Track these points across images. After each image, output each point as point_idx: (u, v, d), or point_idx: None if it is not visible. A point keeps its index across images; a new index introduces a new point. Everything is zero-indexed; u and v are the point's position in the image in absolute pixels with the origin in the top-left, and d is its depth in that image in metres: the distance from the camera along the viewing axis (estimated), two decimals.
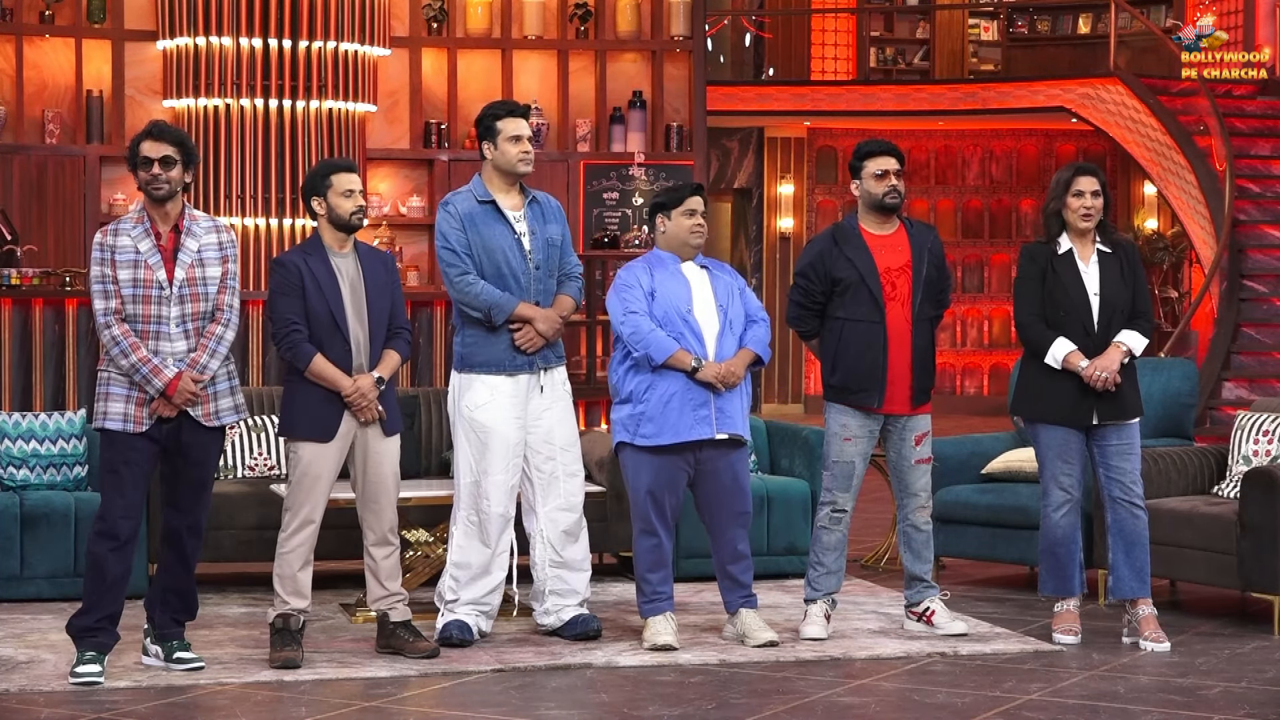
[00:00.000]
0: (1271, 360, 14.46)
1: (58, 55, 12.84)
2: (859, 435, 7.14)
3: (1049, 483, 7.07)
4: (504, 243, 6.95)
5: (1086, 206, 7.02)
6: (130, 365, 6.29)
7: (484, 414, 6.94)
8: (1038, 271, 7.06)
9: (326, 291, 6.71)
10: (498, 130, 6.98)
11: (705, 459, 6.95)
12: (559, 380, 7.07)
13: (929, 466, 7.24)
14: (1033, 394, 7.09)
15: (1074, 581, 7.13)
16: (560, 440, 7.03)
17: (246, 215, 12.08)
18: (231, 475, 8.41)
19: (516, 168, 6.98)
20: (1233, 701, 6.15)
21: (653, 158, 13.59)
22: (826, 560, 7.18)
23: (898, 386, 7.09)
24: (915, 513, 7.23)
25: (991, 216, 21.29)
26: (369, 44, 12.43)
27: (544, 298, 7.00)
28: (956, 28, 21.08)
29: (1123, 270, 7.08)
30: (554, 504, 7.04)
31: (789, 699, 6.13)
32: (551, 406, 7.02)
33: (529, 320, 6.92)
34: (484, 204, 6.99)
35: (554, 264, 7.06)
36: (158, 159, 6.36)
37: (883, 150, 7.18)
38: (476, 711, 5.98)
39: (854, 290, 7.06)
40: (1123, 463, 7.05)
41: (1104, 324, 7.00)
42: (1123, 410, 7.03)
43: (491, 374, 6.95)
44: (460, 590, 6.97)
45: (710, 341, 6.95)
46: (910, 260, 7.12)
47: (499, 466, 6.93)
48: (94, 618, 6.34)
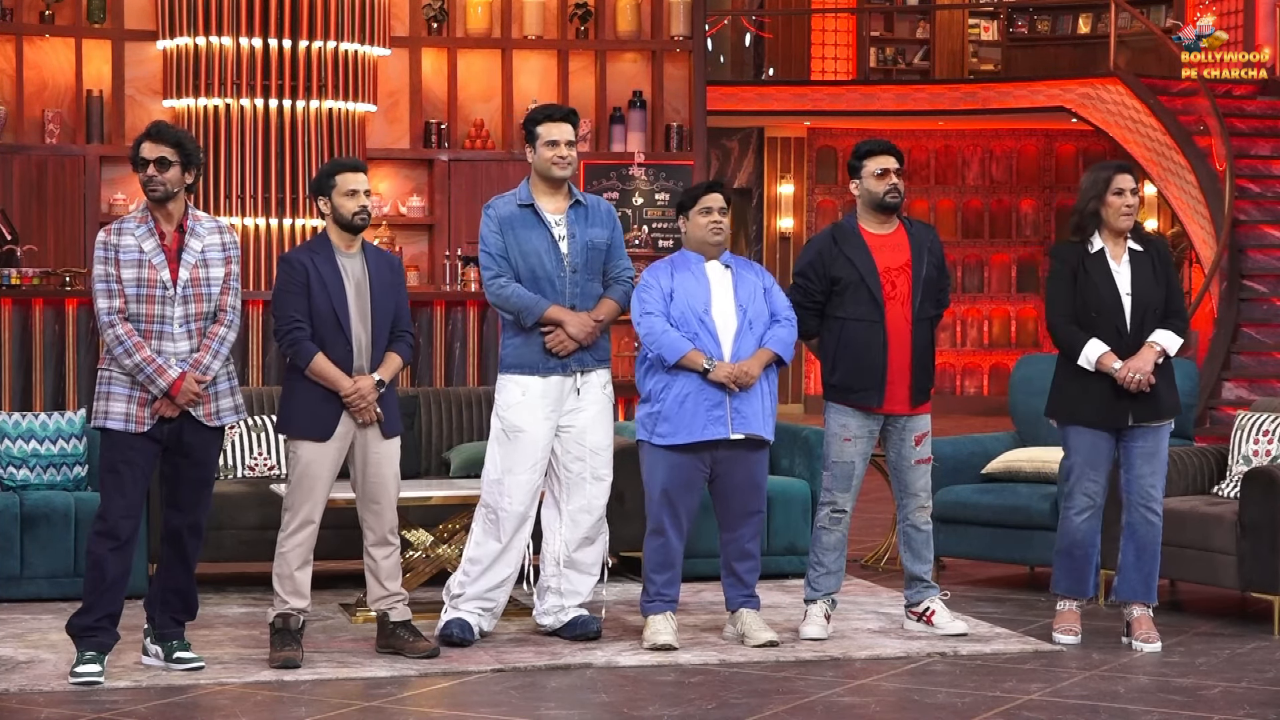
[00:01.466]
0: (1271, 360, 14.46)
1: (58, 55, 12.83)
2: (859, 435, 7.13)
3: (1075, 486, 7.02)
4: (540, 245, 6.97)
5: (1128, 205, 6.96)
6: (134, 365, 6.29)
7: (514, 414, 6.96)
8: (1068, 271, 7.00)
9: (331, 291, 6.71)
10: (537, 135, 7.03)
11: (722, 458, 6.95)
12: (598, 383, 7.06)
13: (929, 466, 7.24)
14: (1067, 397, 7.02)
15: (1087, 584, 7.11)
16: (591, 443, 7.03)
17: (246, 215, 12.08)
18: (231, 475, 8.41)
19: (551, 172, 7.01)
20: (1233, 701, 6.15)
21: (653, 158, 13.59)
22: (826, 560, 7.18)
23: (897, 386, 7.08)
24: (915, 513, 7.23)
25: (991, 216, 21.30)
26: (369, 44, 12.42)
27: (582, 301, 7.00)
28: (956, 28, 21.08)
29: (1155, 269, 7.02)
30: (577, 504, 7.05)
31: (789, 699, 6.13)
32: (587, 409, 7.02)
33: (560, 323, 6.93)
34: (524, 207, 7.02)
35: (596, 267, 7.05)
36: (153, 160, 6.36)
37: (882, 149, 7.18)
38: (476, 711, 5.98)
39: (853, 290, 7.05)
40: (1146, 467, 7.02)
41: (1137, 324, 6.95)
42: (1158, 411, 6.99)
43: (525, 375, 6.97)
44: (469, 585, 6.98)
45: (727, 342, 6.94)
46: (910, 259, 7.12)
47: (524, 466, 6.95)
48: (94, 617, 6.34)
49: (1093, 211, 7.01)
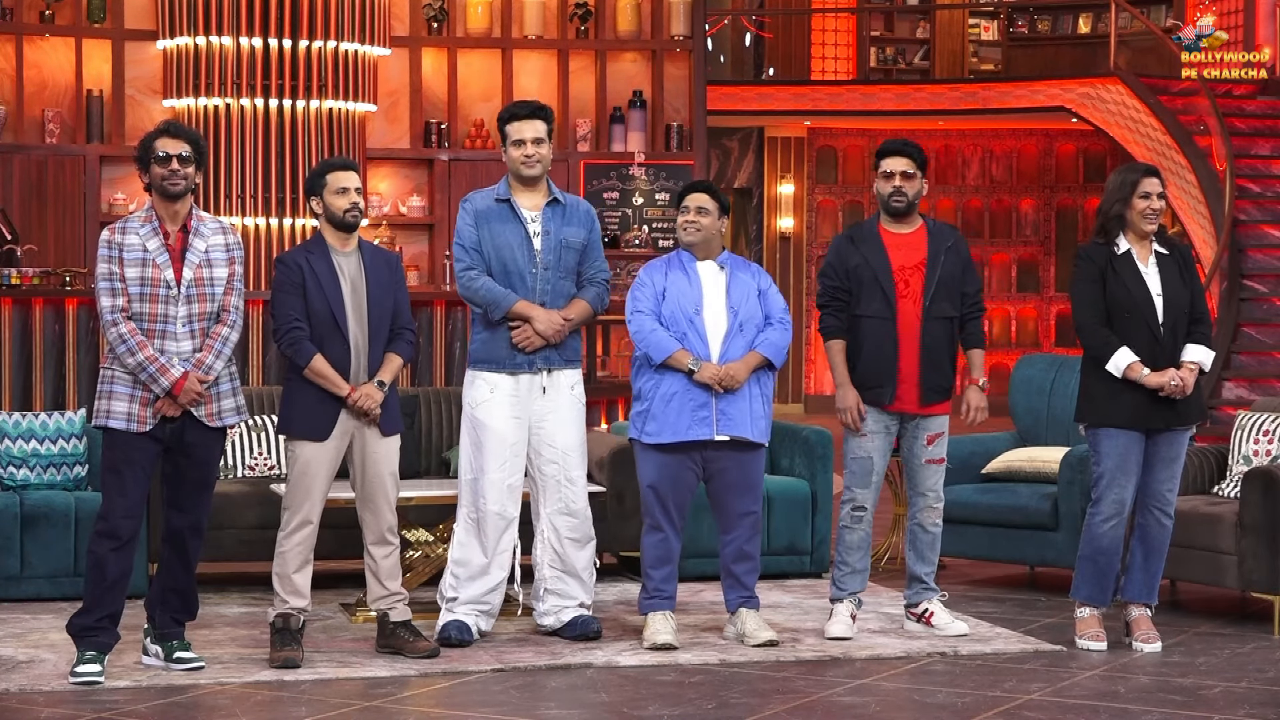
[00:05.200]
0: (1271, 360, 14.45)
1: (58, 55, 12.84)
2: (875, 431, 7.12)
3: (1104, 493, 6.95)
4: (512, 240, 6.97)
5: (1154, 208, 6.93)
6: (137, 364, 6.29)
7: (482, 411, 6.96)
8: (1096, 273, 6.95)
9: (327, 290, 6.71)
10: (506, 134, 7.05)
11: (713, 459, 6.96)
12: (565, 384, 7.05)
13: (941, 468, 7.20)
14: (1098, 400, 6.96)
15: (1108, 592, 7.06)
16: (561, 444, 7.03)
17: (246, 215, 12.08)
18: (231, 475, 8.41)
19: (520, 171, 7.01)
20: (1233, 701, 6.15)
21: (653, 157, 13.59)
22: (851, 559, 7.17)
23: (908, 384, 7.07)
24: (923, 513, 7.22)
25: (991, 216, 21.28)
26: (369, 44, 12.42)
27: (552, 299, 7.00)
28: (956, 28, 21.07)
29: (1181, 272, 7.01)
30: (554, 507, 7.04)
31: (789, 699, 6.13)
32: (556, 410, 7.02)
33: (528, 318, 6.93)
34: (500, 202, 7.04)
35: (569, 266, 7.05)
36: (176, 155, 6.36)
37: (895, 150, 7.15)
38: (476, 711, 5.98)
39: (868, 287, 7.06)
40: (1165, 471, 7.00)
41: (1169, 326, 6.92)
42: (1188, 415, 6.98)
43: (492, 371, 6.97)
44: (460, 589, 6.98)
45: (716, 343, 6.94)
46: (925, 258, 7.10)
47: (494, 465, 6.94)
48: (94, 617, 6.34)
49: (1117, 214, 6.96)
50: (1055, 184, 21.34)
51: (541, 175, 7.04)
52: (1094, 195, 20.73)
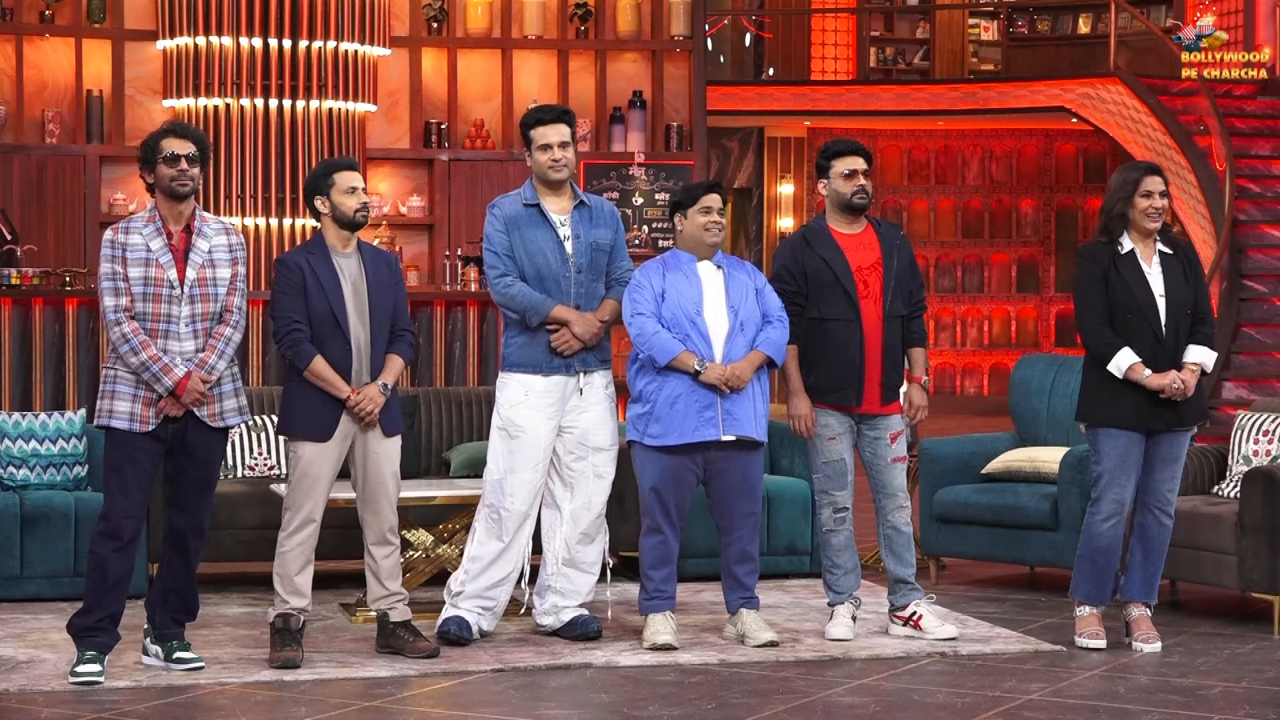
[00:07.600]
0: (1271, 360, 14.45)
1: (58, 55, 12.84)
2: (840, 433, 7.11)
3: (1103, 492, 6.95)
4: (545, 245, 6.98)
5: (1156, 207, 6.91)
6: (140, 363, 6.29)
7: (517, 413, 6.97)
8: (1099, 273, 6.93)
9: (328, 291, 6.71)
10: (530, 139, 7.05)
11: (714, 459, 6.95)
12: (599, 384, 7.07)
13: (904, 465, 7.22)
14: (1099, 399, 6.96)
15: (1107, 591, 7.06)
16: (595, 442, 7.04)
17: (246, 215, 12.08)
18: (232, 475, 8.41)
19: (547, 175, 7.02)
20: (1233, 701, 6.15)
21: (653, 158, 13.59)
22: (841, 561, 7.16)
23: (872, 384, 7.07)
24: (894, 514, 7.18)
25: (991, 216, 21.29)
26: (369, 44, 12.43)
27: (587, 301, 7.02)
28: (956, 28, 21.08)
29: (1185, 271, 7.00)
30: (578, 502, 7.06)
31: (789, 699, 6.14)
32: (590, 409, 7.04)
33: (565, 323, 6.94)
34: (529, 207, 7.04)
35: (600, 268, 7.06)
36: (185, 155, 6.36)
37: (850, 150, 7.15)
38: (476, 711, 5.99)
39: (829, 289, 7.04)
40: (1166, 471, 7.00)
41: (1172, 326, 6.90)
42: (1188, 416, 6.97)
43: (527, 374, 6.98)
44: (469, 583, 6.98)
45: (718, 343, 6.94)
46: (880, 258, 7.11)
47: (526, 465, 6.95)
48: (95, 617, 6.34)
49: (1120, 213, 6.95)
50: (1055, 184, 21.35)
51: (568, 179, 7.05)
52: (1094, 195, 20.75)
